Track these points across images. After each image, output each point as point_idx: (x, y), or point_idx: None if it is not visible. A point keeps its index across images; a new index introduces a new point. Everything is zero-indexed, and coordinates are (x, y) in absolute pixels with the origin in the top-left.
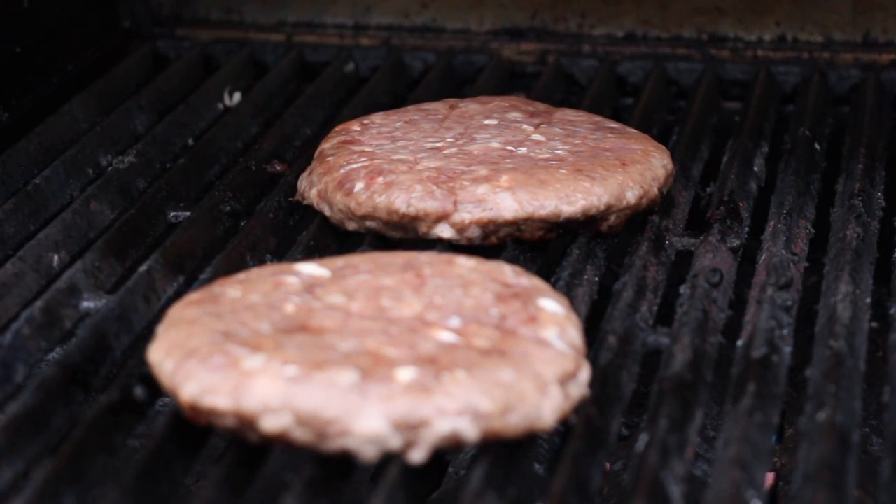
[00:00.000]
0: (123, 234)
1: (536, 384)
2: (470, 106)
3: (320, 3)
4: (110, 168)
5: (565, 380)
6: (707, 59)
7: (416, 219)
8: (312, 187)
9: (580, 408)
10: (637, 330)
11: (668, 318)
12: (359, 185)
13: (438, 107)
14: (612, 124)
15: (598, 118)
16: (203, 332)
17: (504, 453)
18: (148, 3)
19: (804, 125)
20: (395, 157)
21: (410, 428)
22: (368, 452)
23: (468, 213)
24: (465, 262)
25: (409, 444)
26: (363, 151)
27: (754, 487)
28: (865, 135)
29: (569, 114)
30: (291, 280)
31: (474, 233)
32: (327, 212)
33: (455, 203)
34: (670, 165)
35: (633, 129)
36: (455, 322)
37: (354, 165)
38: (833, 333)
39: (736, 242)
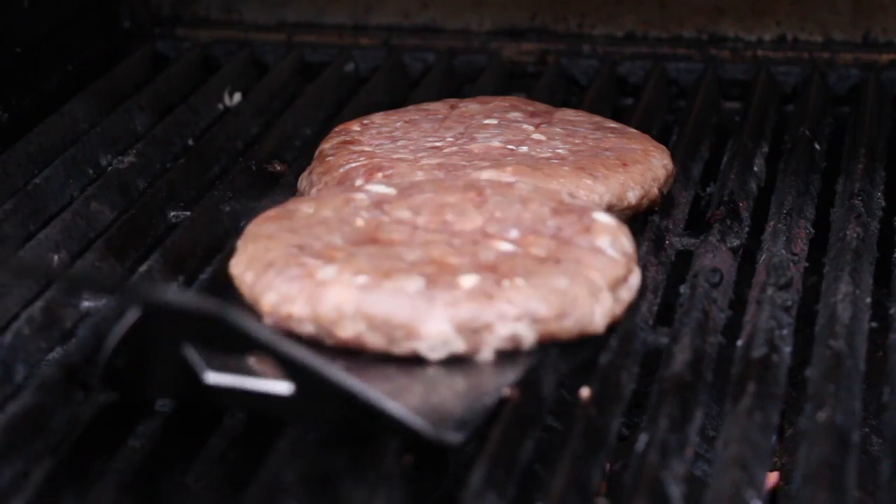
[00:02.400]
0: (123, 234)
1: (589, 290)
2: (470, 106)
3: (320, 3)
4: (110, 168)
5: (616, 285)
6: (707, 59)
7: None
8: (312, 187)
9: (580, 408)
10: (637, 330)
11: (668, 318)
12: (358, 184)
13: (438, 107)
14: (613, 124)
15: (598, 118)
16: (279, 246)
17: (504, 453)
18: (148, 3)
19: (804, 125)
20: (395, 156)
21: (474, 331)
22: (435, 354)
23: None
24: (523, 185)
25: (473, 347)
26: (363, 151)
27: (754, 487)
28: (865, 135)
29: (569, 114)
30: (361, 197)
31: None
32: None
33: None
34: (670, 165)
35: (633, 129)
36: (514, 233)
37: (354, 165)
38: (833, 333)
39: (736, 242)
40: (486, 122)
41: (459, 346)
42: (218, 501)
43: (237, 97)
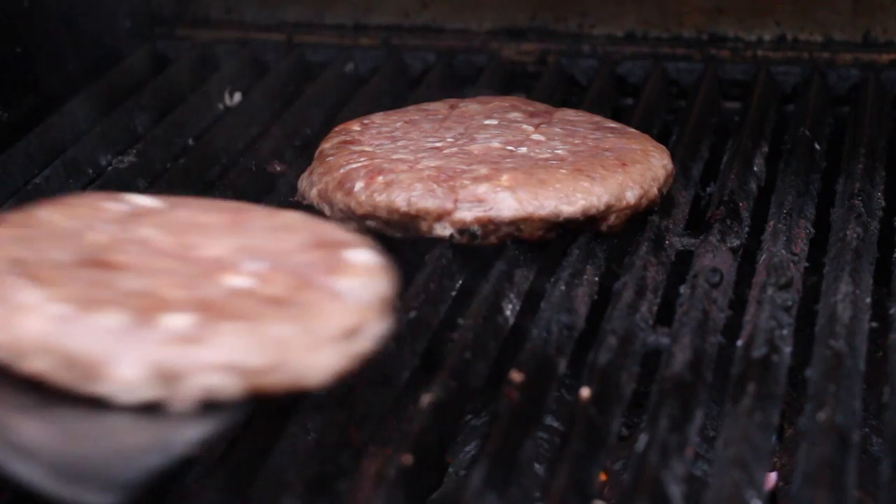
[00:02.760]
0: None
1: (312, 341)
2: (470, 106)
3: (320, 3)
4: (110, 168)
5: (348, 335)
6: (707, 58)
7: (416, 217)
8: (313, 187)
9: (580, 408)
10: (637, 330)
11: (668, 318)
12: (359, 185)
13: (438, 107)
14: (612, 124)
15: (598, 118)
16: None
17: (505, 453)
18: (148, 3)
19: (804, 125)
20: (396, 156)
21: (168, 379)
22: (125, 399)
23: (468, 212)
24: (292, 214)
25: (167, 395)
26: (363, 151)
27: (754, 487)
28: (865, 135)
29: (569, 114)
30: (115, 207)
31: (474, 232)
32: (327, 212)
33: (455, 202)
34: (670, 165)
35: (633, 129)
36: (254, 266)
37: (354, 165)
38: (833, 333)
39: (736, 242)
40: (486, 122)
41: (151, 392)
42: (218, 502)
43: (237, 97)
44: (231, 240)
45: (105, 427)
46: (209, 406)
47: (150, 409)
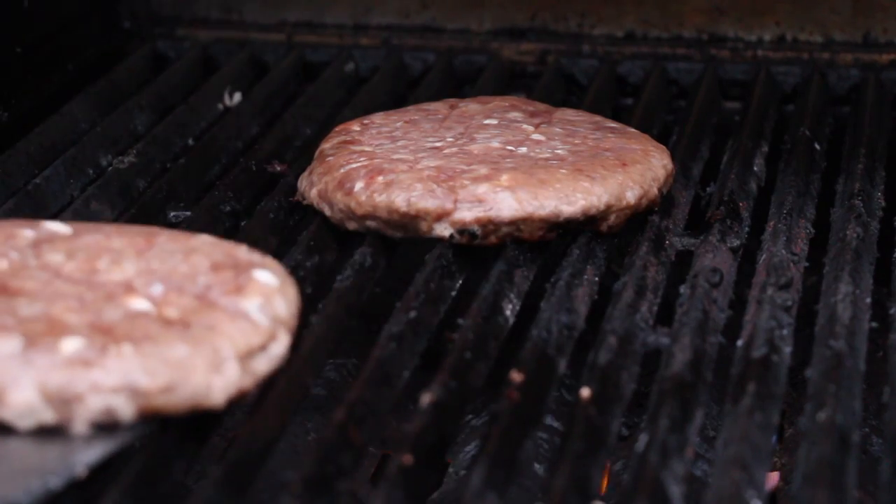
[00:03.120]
0: None
1: (210, 361)
2: (470, 106)
3: (320, 3)
4: (110, 168)
5: (250, 354)
6: (707, 58)
7: (416, 218)
8: (312, 187)
9: (580, 408)
10: (637, 330)
11: (669, 318)
12: (359, 185)
13: (438, 107)
14: (613, 124)
15: (598, 118)
16: None
17: (505, 453)
18: (148, 3)
19: (804, 125)
20: (396, 156)
21: (64, 402)
22: (24, 423)
23: (468, 212)
24: (205, 237)
25: (64, 417)
26: (363, 151)
27: (754, 487)
28: (865, 135)
29: (569, 114)
30: (25, 234)
31: (474, 232)
32: (327, 212)
33: (455, 202)
34: (670, 165)
35: (633, 129)
36: (157, 289)
37: (354, 165)
38: (833, 333)
39: (736, 242)
40: (486, 122)
41: (48, 416)
42: (218, 501)
43: (237, 97)
44: (137, 264)
45: (5, 451)
46: (109, 427)
47: (52, 434)
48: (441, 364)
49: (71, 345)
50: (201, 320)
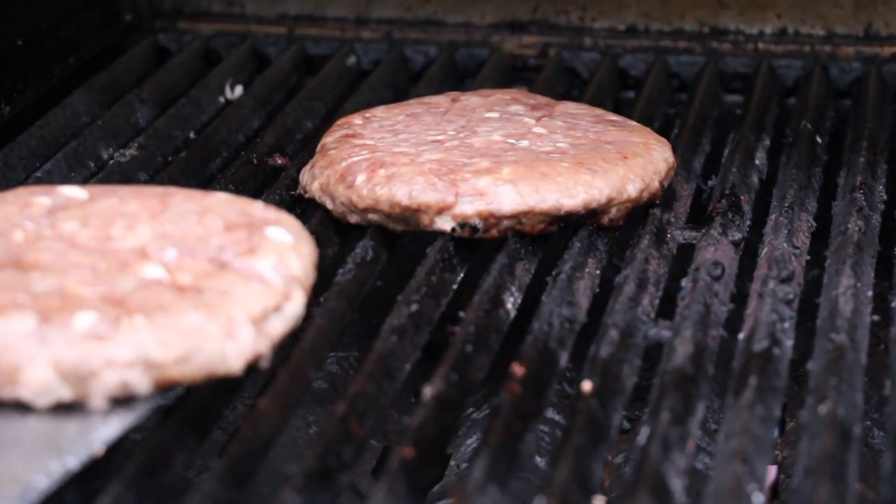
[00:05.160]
0: None
1: (224, 327)
2: (471, 99)
3: None
4: (112, 161)
5: (265, 316)
6: (708, 52)
7: (417, 211)
8: (314, 181)
9: (582, 401)
10: (638, 323)
11: (670, 311)
12: (360, 178)
13: (440, 100)
14: (614, 117)
15: (599, 111)
16: None
17: (506, 446)
18: None
19: (806, 118)
20: (397, 150)
21: (79, 378)
22: (41, 402)
23: (469, 206)
24: (220, 195)
25: (81, 394)
26: (365, 145)
27: (756, 480)
28: (867, 128)
29: (570, 107)
30: (41, 201)
31: (475, 225)
32: (329, 205)
33: (456, 195)
34: (671, 158)
35: (634, 122)
36: (170, 255)
37: (356, 158)
38: (834, 327)
39: (737, 236)
40: (488, 115)
41: (65, 393)
42: (220, 494)
43: (238, 90)
44: (152, 227)
45: (22, 431)
46: (126, 401)
47: (69, 410)
48: (442, 357)
49: (84, 320)
50: (214, 285)
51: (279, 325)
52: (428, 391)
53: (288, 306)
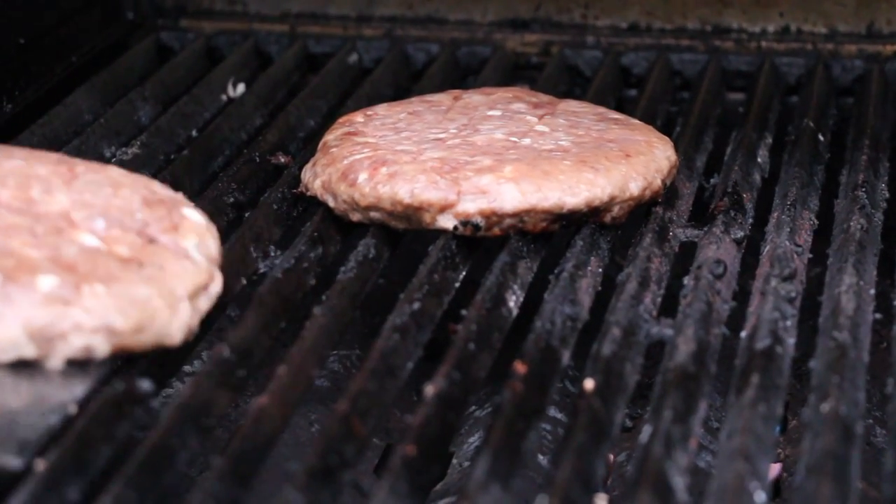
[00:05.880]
0: None
1: (169, 301)
2: (474, 97)
3: None
4: (114, 159)
5: (196, 293)
6: (711, 50)
7: (419, 209)
8: (316, 178)
9: (584, 399)
10: (641, 321)
11: (672, 309)
12: (362, 176)
13: (442, 98)
14: (616, 115)
15: (601, 109)
16: None
17: (508, 444)
18: None
19: (808, 116)
20: (399, 148)
21: (46, 339)
22: (3, 357)
23: (471, 204)
24: (116, 168)
25: (43, 353)
26: (367, 143)
27: (758, 479)
28: (869, 126)
29: (572, 105)
30: None
31: (478, 223)
32: (331, 203)
33: (458, 193)
34: (674, 157)
35: (636, 121)
36: (100, 224)
37: (358, 156)
38: (837, 325)
39: (740, 234)
40: (490, 113)
41: (29, 351)
42: (222, 492)
43: (241, 88)
44: (69, 195)
45: None
46: (79, 365)
47: (27, 368)
48: (445, 355)
49: (47, 283)
50: (151, 259)
51: (205, 304)
52: (430, 389)
53: (212, 286)
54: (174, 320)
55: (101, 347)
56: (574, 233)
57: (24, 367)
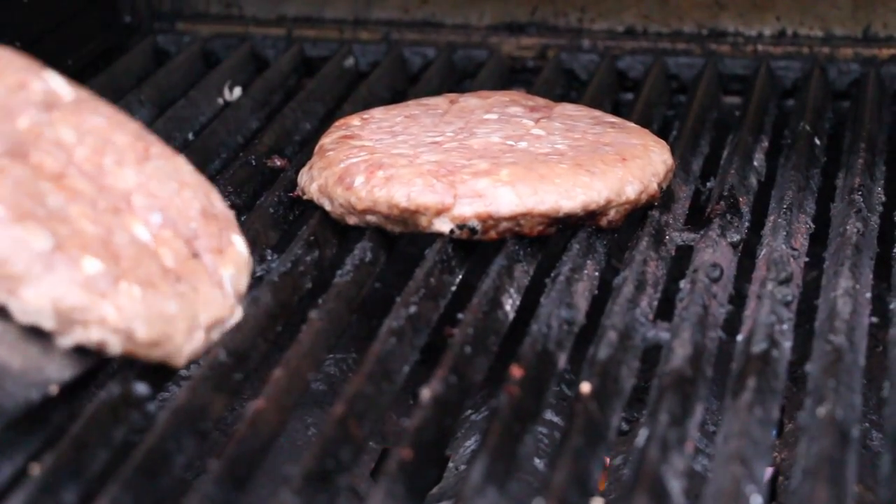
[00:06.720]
0: None
1: (189, 325)
2: (470, 101)
3: None
4: None
5: (215, 325)
6: (707, 53)
7: (416, 213)
8: (313, 182)
9: (580, 402)
10: (637, 325)
11: (669, 312)
12: (359, 180)
13: (438, 101)
14: (612, 119)
15: (598, 113)
16: None
17: (505, 448)
18: None
19: (804, 120)
20: (396, 151)
21: (68, 321)
22: (22, 319)
23: (468, 207)
24: (184, 161)
25: (60, 330)
26: (363, 146)
27: (754, 482)
28: (865, 130)
29: (569, 108)
30: (36, 86)
31: (474, 227)
32: (328, 206)
33: (455, 197)
34: (670, 160)
35: (633, 124)
36: (156, 219)
37: (354, 160)
38: (833, 328)
39: (736, 237)
40: (486, 116)
41: (48, 324)
42: (218, 496)
43: (237, 92)
44: (137, 176)
45: None
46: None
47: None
48: (441, 359)
49: (91, 266)
50: (189, 276)
51: (217, 335)
52: (426, 393)
53: (229, 321)
54: (187, 346)
55: (114, 347)
56: (570, 236)
57: (33, 331)
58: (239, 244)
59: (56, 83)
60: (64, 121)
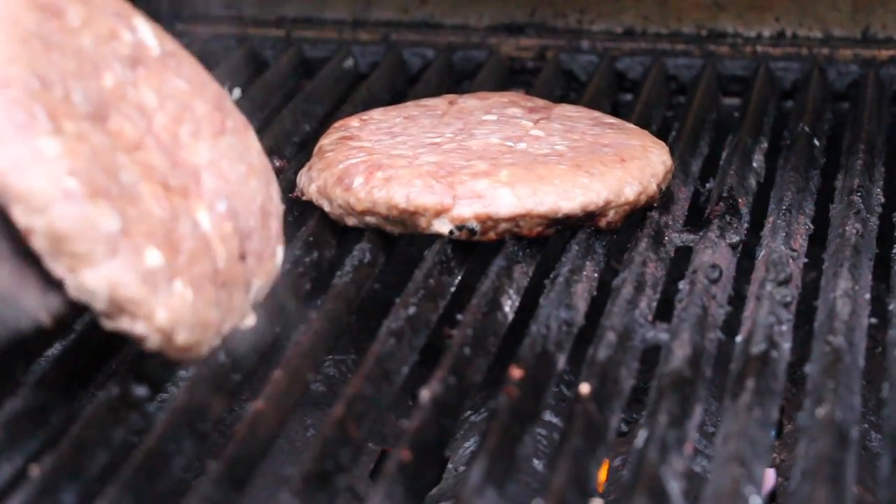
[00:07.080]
0: None
1: (215, 332)
2: (469, 102)
3: None
4: None
5: (230, 331)
6: (706, 54)
7: (415, 214)
8: (312, 183)
9: (579, 404)
10: (636, 326)
11: (668, 313)
12: (358, 181)
13: (437, 103)
14: (612, 120)
15: (597, 114)
16: (24, 64)
17: (504, 449)
18: None
19: (803, 121)
20: (395, 152)
21: (119, 309)
22: (73, 294)
23: (467, 208)
24: (254, 139)
25: (106, 315)
26: (362, 147)
27: (753, 483)
28: (864, 131)
29: (568, 109)
30: (126, 37)
31: (473, 228)
32: (327, 207)
33: (454, 198)
34: (669, 161)
35: (632, 125)
36: (221, 207)
37: (354, 161)
38: (832, 329)
39: (735, 238)
40: (485, 117)
41: (99, 306)
42: (216, 497)
43: (236, 93)
44: (211, 152)
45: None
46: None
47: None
48: (440, 360)
49: (153, 258)
50: (230, 282)
51: (217, 342)
52: (425, 394)
53: (241, 328)
54: (206, 351)
55: (151, 343)
56: (569, 237)
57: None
58: (279, 256)
59: (145, 33)
60: (147, 81)
